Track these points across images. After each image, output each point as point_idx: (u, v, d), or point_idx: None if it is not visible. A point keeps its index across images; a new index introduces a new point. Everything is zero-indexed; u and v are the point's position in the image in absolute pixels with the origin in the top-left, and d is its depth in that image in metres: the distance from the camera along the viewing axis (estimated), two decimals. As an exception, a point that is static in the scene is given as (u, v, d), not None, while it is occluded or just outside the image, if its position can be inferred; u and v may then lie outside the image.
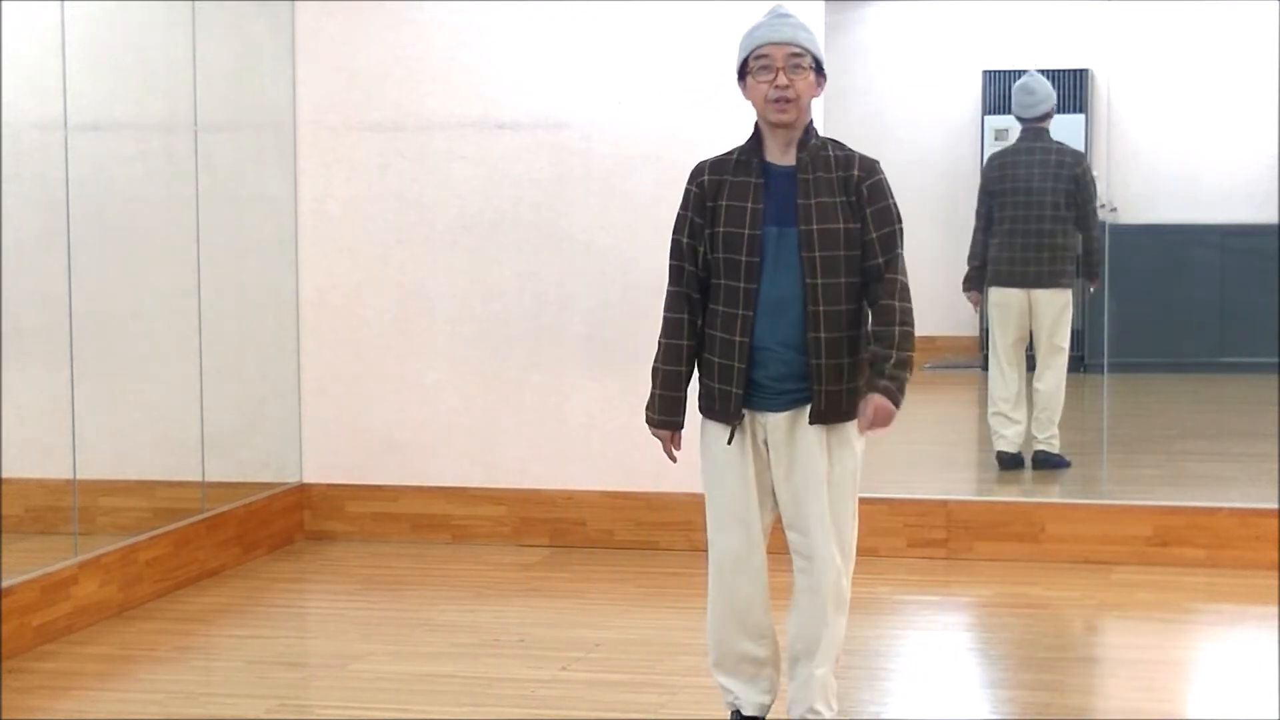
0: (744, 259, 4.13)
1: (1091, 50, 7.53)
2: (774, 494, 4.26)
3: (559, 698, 4.88)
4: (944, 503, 6.52)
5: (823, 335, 4.10)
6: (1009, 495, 6.63)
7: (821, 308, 4.09)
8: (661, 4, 6.56)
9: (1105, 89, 7.52)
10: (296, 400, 6.92)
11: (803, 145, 4.17)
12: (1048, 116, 7.33)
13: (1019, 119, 7.35)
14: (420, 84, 6.78)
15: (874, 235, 4.14)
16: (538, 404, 6.72)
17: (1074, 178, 7.26)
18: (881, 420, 4.12)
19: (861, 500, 6.60)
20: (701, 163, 4.26)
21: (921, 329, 8.05)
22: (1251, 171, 7.85)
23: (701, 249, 4.19)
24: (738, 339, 4.15)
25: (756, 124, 4.24)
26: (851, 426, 4.19)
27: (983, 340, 7.80)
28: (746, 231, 4.13)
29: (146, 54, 6.17)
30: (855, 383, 4.18)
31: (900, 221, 4.19)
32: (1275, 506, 6.25)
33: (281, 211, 6.85)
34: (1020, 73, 7.54)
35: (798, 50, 4.14)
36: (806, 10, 6.46)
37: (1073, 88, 7.67)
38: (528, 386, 6.73)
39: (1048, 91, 7.32)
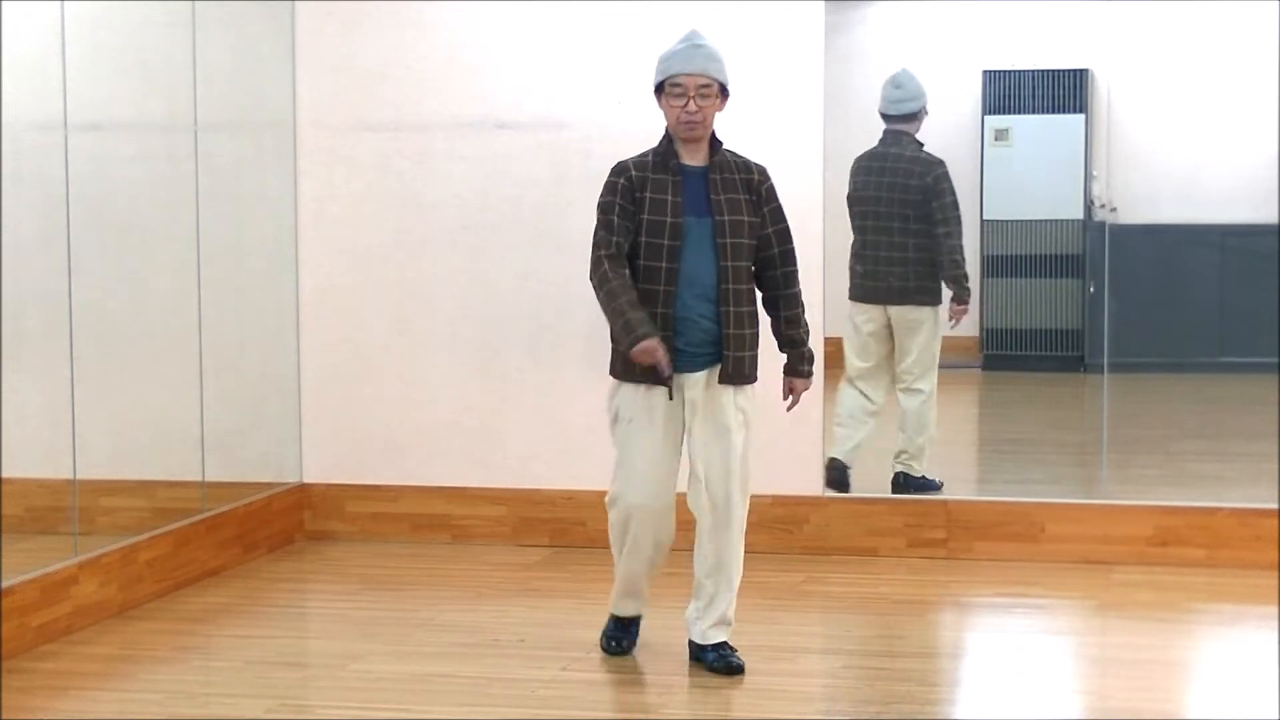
0: (666, 243, 4.88)
1: (1091, 50, 7.52)
2: (684, 443, 4.98)
3: (559, 698, 4.88)
4: (944, 503, 6.53)
5: (732, 309, 4.88)
6: (1009, 495, 6.62)
7: (731, 286, 4.89)
8: (661, 4, 6.55)
9: (1105, 89, 7.50)
10: (296, 400, 6.92)
11: (713, 150, 4.98)
12: (914, 118, 6.87)
13: (883, 115, 6.88)
14: (420, 84, 6.78)
15: (772, 230, 5.01)
16: (538, 404, 6.72)
17: (924, 188, 6.78)
18: (799, 395, 5.15)
19: (861, 500, 6.63)
20: (624, 162, 5.01)
21: (921, 329, 7.94)
22: (1251, 171, 7.84)
23: (630, 229, 4.90)
24: (660, 310, 4.87)
25: (668, 130, 4.99)
26: (751, 387, 4.99)
27: (983, 340, 7.79)
28: (669, 220, 4.89)
29: (146, 54, 6.17)
30: (755, 350, 4.97)
31: (787, 220, 5.06)
32: (1275, 506, 6.25)
33: (281, 211, 6.85)
34: (1020, 73, 7.54)
35: (706, 81, 4.92)
36: (806, 11, 6.49)
37: (1073, 88, 7.66)
38: (528, 386, 6.73)
39: (918, 89, 6.87)
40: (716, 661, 5.02)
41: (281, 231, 6.85)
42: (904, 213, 6.85)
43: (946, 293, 6.92)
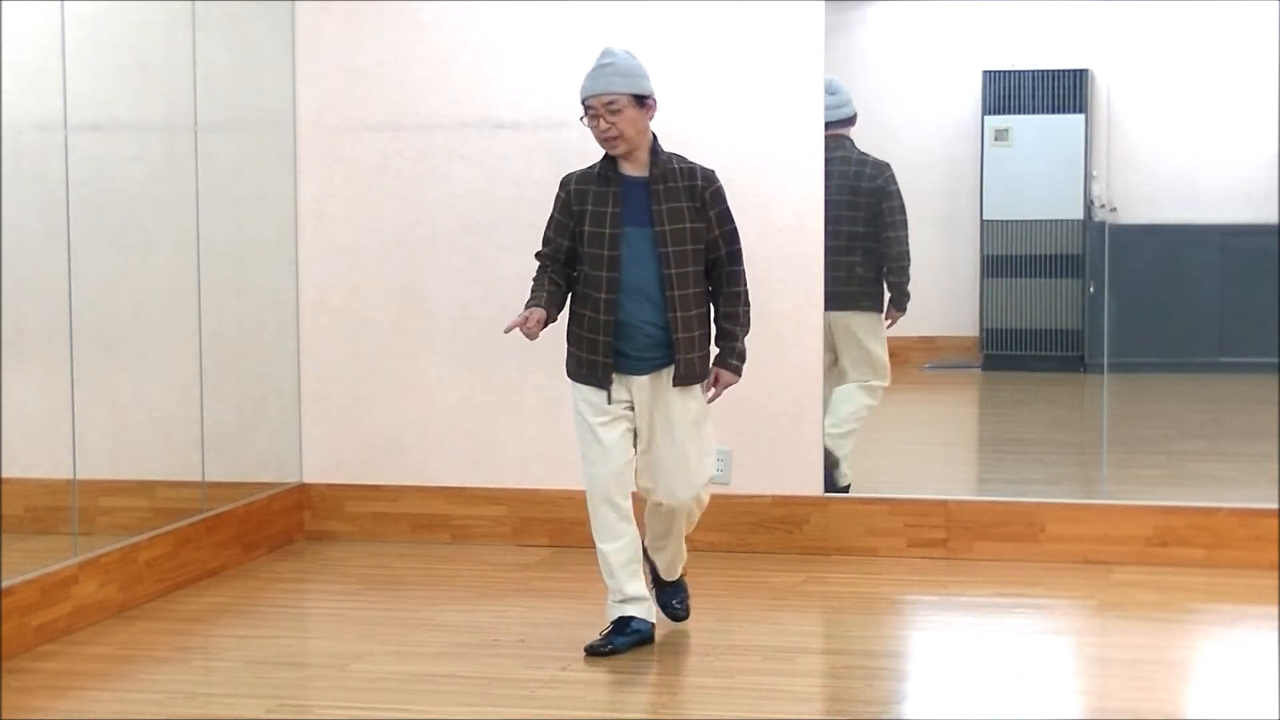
0: (606, 253, 5.10)
1: (1091, 50, 7.51)
2: (635, 436, 5.22)
3: (559, 698, 4.88)
4: (944, 503, 6.52)
5: (679, 314, 5.10)
6: (1009, 495, 6.62)
7: (677, 292, 5.09)
8: (662, 4, 6.56)
9: (1105, 89, 7.50)
10: (296, 400, 6.92)
11: (655, 161, 5.14)
12: (850, 122, 6.78)
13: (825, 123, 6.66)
14: (420, 84, 6.78)
15: (717, 232, 5.16)
16: (538, 404, 6.72)
17: (875, 190, 6.74)
18: (724, 387, 5.24)
19: (861, 500, 6.63)
20: (569, 174, 5.23)
21: (921, 329, 8.08)
22: (1251, 171, 7.83)
23: (566, 243, 5.17)
24: (603, 318, 5.11)
25: None
26: (699, 385, 5.21)
27: (982, 340, 7.80)
28: (608, 231, 5.10)
29: (146, 54, 6.17)
30: (705, 350, 5.19)
31: (734, 221, 5.21)
32: (1275, 506, 6.25)
33: (281, 211, 6.85)
34: (1020, 73, 7.53)
35: (610, 98, 5.07)
36: (806, 10, 6.49)
37: (1073, 88, 7.65)
38: (528, 386, 6.73)
39: (849, 94, 6.76)
40: (680, 608, 5.50)
41: (281, 231, 6.85)
42: (854, 215, 6.77)
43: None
